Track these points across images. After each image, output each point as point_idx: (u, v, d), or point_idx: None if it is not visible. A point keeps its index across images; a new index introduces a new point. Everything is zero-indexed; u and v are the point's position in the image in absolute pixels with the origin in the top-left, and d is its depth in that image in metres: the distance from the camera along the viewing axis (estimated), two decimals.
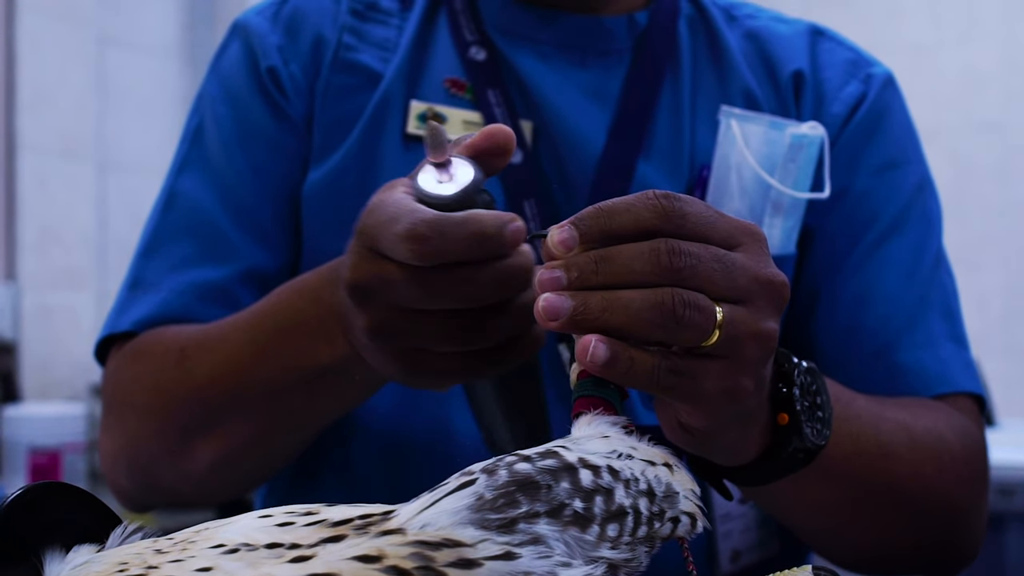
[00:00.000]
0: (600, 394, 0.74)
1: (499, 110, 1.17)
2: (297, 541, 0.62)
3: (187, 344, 1.10)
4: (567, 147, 1.17)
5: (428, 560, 0.60)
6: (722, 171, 1.16)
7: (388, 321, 0.81)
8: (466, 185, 0.77)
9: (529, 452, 0.67)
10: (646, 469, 0.69)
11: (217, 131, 1.22)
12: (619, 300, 0.70)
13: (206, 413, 1.07)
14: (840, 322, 1.18)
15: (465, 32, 1.21)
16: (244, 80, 1.22)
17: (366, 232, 0.80)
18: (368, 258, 0.80)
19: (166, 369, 1.10)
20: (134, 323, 1.16)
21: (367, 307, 0.82)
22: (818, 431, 0.88)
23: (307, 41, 1.21)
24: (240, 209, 1.18)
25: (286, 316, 1.00)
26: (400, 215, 0.77)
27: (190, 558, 0.62)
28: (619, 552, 0.66)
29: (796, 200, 1.15)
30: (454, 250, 0.76)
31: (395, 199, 0.79)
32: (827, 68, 1.24)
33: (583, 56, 1.20)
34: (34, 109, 3.26)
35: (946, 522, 1.11)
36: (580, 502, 0.65)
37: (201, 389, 1.07)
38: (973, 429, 1.14)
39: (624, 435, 0.72)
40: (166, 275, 1.17)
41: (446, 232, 0.75)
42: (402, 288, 0.78)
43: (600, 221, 0.72)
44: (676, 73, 1.21)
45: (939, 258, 1.22)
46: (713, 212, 0.74)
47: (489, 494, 0.63)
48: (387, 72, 1.20)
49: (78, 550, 0.67)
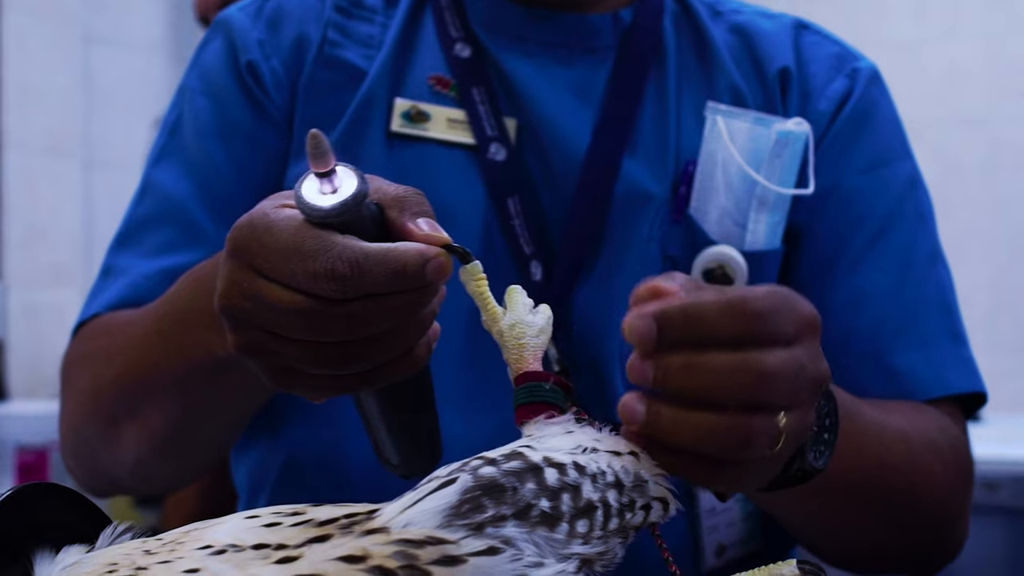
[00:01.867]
0: (542, 399, 0.74)
1: (483, 107, 1.17)
2: (284, 542, 0.62)
3: (116, 333, 1.11)
4: (552, 144, 1.17)
5: (412, 559, 0.60)
6: (708, 167, 1.16)
7: (258, 343, 0.78)
8: (347, 198, 0.73)
9: (494, 455, 0.67)
10: (612, 461, 0.70)
11: (195, 124, 1.22)
12: (690, 420, 0.70)
13: (126, 401, 1.08)
14: (834, 324, 1.18)
15: (450, 29, 1.21)
16: (224, 74, 1.22)
17: (248, 251, 0.75)
18: (247, 278, 0.75)
19: (98, 357, 1.12)
20: (103, 307, 1.17)
21: (237, 328, 0.78)
22: (820, 453, 0.88)
23: (289, 37, 1.21)
24: (215, 201, 1.18)
25: (186, 306, 0.99)
26: (315, 250, 0.72)
27: (178, 559, 0.62)
28: (592, 547, 0.67)
29: (781, 196, 1.15)
30: (372, 289, 0.73)
31: (293, 224, 0.74)
32: (812, 63, 1.24)
33: (569, 54, 1.20)
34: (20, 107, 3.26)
35: (935, 527, 1.13)
36: (547, 501, 0.65)
37: (120, 377, 1.08)
38: (960, 437, 1.15)
39: (586, 429, 0.72)
40: (137, 261, 1.18)
41: (366, 271, 0.72)
42: (286, 318, 0.75)
43: (685, 329, 0.71)
44: (661, 70, 1.21)
45: (934, 254, 1.22)
46: (784, 305, 0.73)
47: (455, 499, 0.64)
48: (371, 69, 1.20)
49: (68, 551, 0.67)
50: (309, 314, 0.73)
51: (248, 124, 1.20)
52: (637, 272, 1.15)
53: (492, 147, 1.16)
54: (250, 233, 0.75)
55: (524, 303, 0.80)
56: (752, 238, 1.15)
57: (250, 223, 0.76)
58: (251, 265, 0.75)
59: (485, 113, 1.17)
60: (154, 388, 1.05)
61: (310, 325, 0.74)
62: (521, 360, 0.77)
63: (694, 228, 1.16)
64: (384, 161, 1.17)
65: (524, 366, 0.77)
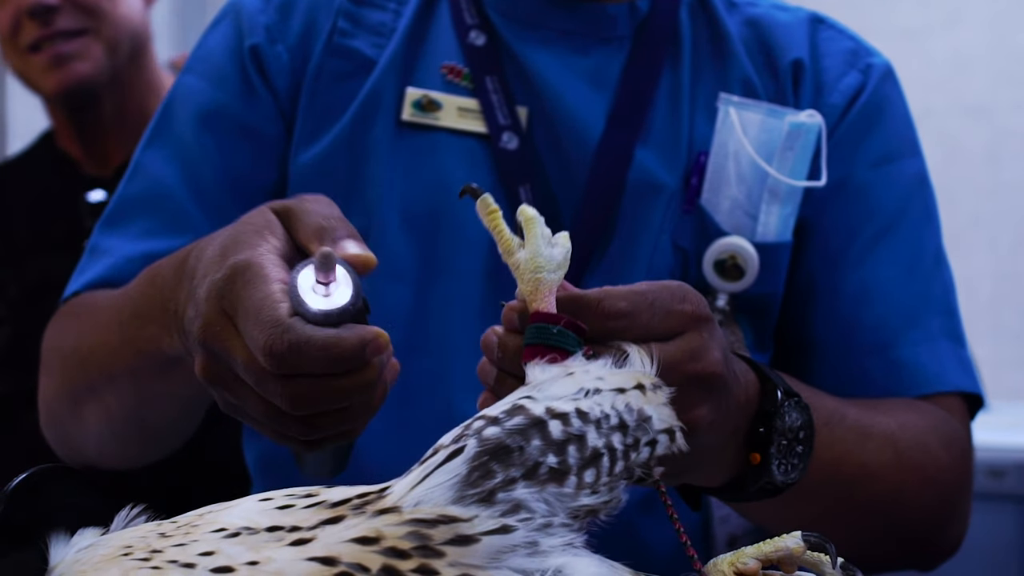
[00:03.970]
0: (548, 342, 0.73)
1: (496, 96, 1.18)
2: (297, 523, 0.63)
3: (86, 314, 1.14)
4: (566, 132, 1.17)
5: (425, 539, 0.61)
6: (720, 158, 1.17)
7: (220, 378, 0.82)
8: (335, 308, 0.77)
9: (495, 412, 0.67)
10: (616, 400, 0.69)
11: (187, 107, 1.23)
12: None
13: (88, 382, 1.11)
14: (839, 317, 1.18)
15: (466, 15, 1.21)
16: (224, 57, 1.22)
17: (228, 296, 0.80)
18: (221, 322, 0.80)
19: (69, 335, 1.15)
20: (83, 285, 1.19)
21: (208, 360, 0.82)
22: (793, 466, 0.90)
23: (299, 24, 1.22)
24: (200, 187, 1.19)
25: (142, 302, 1.02)
26: (267, 322, 0.76)
27: (193, 542, 0.63)
28: (598, 497, 0.67)
29: (793, 188, 1.16)
30: (309, 369, 0.76)
31: (265, 289, 0.78)
32: (827, 57, 1.24)
33: (585, 42, 1.20)
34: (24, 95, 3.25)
35: (927, 528, 1.13)
36: (553, 456, 0.65)
37: (84, 360, 1.11)
38: (960, 432, 1.15)
39: (589, 367, 0.72)
40: (122, 243, 1.19)
41: (304, 354, 0.75)
42: (242, 371, 0.79)
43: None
44: (676, 60, 1.21)
45: (938, 255, 1.23)
46: (655, 301, 0.77)
47: (464, 469, 0.64)
48: (381, 59, 1.20)
49: (83, 533, 0.68)
50: (258, 377, 0.78)
51: (240, 112, 1.21)
52: (647, 262, 1.15)
53: (504, 136, 1.16)
54: (233, 280, 0.80)
55: (543, 234, 0.78)
56: (763, 229, 1.16)
57: (238, 269, 0.80)
58: (225, 311, 0.79)
59: (498, 102, 1.17)
60: (111, 374, 1.08)
61: (259, 386, 0.78)
62: (536, 294, 0.76)
63: (705, 219, 1.16)
64: (394, 150, 1.17)
65: (538, 301, 0.75)
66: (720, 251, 1.15)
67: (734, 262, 1.14)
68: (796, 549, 0.72)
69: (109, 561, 0.63)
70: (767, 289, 1.17)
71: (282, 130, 1.21)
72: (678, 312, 0.77)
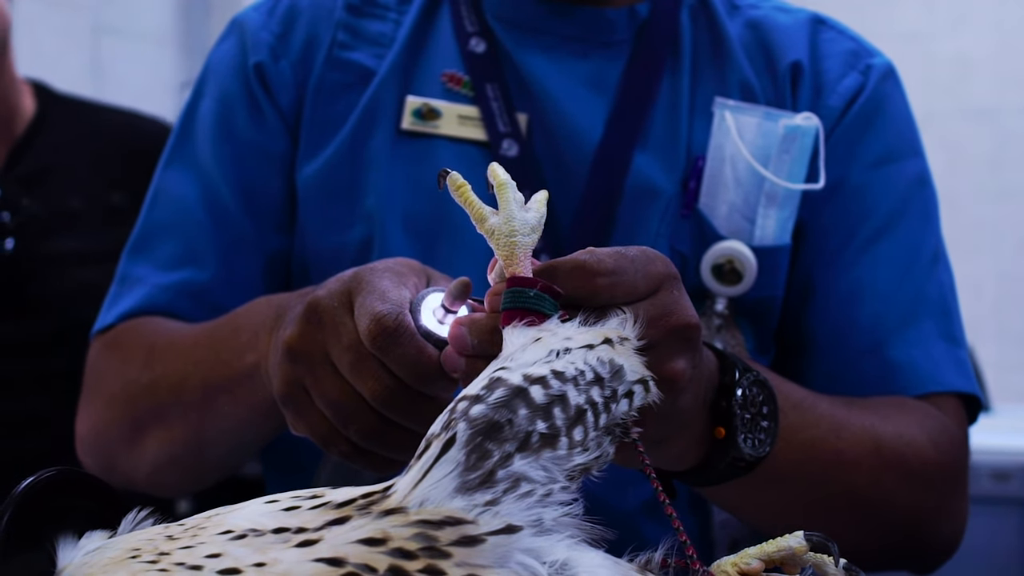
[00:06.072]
0: (525, 305, 0.73)
1: (496, 104, 1.18)
2: (303, 525, 0.63)
3: (157, 341, 1.15)
4: (565, 137, 1.18)
5: (431, 540, 0.61)
6: (717, 162, 1.17)
7: (296, 399, 0.89)
8: (443, 337, 0.82)
9: (475, 390, 0.67)
10: (587, 356, 0.70)
11: (201, 128, 1.25)
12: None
13: (156, 409, 1.13)
14: (834, 317, 1.18)
15: (466, 23, 1.22)
16: (231, 78, 1.24)
17: (356, 280, 0.87)
18: (341, 299, 0.87)
19: (134, 363, 1.15)
20: (119, 316, 1.20)
21: (288, 370, 0.88)
22: (760, 441, 0.91)
23: (300, 38, 1.23)
24: (220, 207, 1.22)
25: (239, 319, 1.06)
26: (392, 299, 0.84)
27: (200, 544, 0.63)
28: (589, 454, 0.68)
29: (790, 191, 1.16)
30: (398, 358, 0.83)
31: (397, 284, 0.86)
32: (827, 59, 1.24)
33: (585, 48, 1.21)
34: None
35: (912, 526, 1.11)
36: (542, 422, 0.66)
37: (156, 385, 1.12)
38: (953, 431, 1.14)
39: (557, 329, 0.72)
40: (152, 271, 1.21)
41: (402, 342, 0.83)
42: (343, 350, 0.85)
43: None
44: (676, 64, 1.21)
45: (937, 255, 1.22)
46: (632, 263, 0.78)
47: (461, 456, 0.64)
48: (381, 69, 1.21)
49: (90, 536, 0.68)
50: (356, 356, 0.85)
51: (249, 132, 1.23)
52: None
53: (504, 143, 1.17)
54: (364, 273, 0.88)
55: (516, 199, 0.78)
56: (761, 233, 1.16)
57: (371, 267, 0.88)
58: (350, 290, 0.87)
59: (498, 110, 1.18)
60: (184, 394, 1.10)
61: (353, 368, 0.85)
62: (512, 258, 0.75)
63: (703, 223, 1.16)
64: (394, 159, 1.18)
65: (514, 265, 0.75)
66: (718, 255, 1.15)
67: (732, 266, 1.15)
68: (799, 549, 0.72)
69: (117, 563, 0.64)
70: (766, 292, 1.17)
71: (289, 145, 1.22)
72: (653, 272, 0.78)
